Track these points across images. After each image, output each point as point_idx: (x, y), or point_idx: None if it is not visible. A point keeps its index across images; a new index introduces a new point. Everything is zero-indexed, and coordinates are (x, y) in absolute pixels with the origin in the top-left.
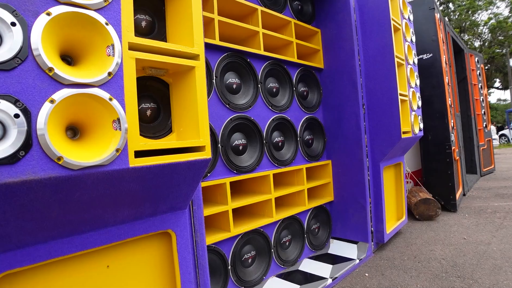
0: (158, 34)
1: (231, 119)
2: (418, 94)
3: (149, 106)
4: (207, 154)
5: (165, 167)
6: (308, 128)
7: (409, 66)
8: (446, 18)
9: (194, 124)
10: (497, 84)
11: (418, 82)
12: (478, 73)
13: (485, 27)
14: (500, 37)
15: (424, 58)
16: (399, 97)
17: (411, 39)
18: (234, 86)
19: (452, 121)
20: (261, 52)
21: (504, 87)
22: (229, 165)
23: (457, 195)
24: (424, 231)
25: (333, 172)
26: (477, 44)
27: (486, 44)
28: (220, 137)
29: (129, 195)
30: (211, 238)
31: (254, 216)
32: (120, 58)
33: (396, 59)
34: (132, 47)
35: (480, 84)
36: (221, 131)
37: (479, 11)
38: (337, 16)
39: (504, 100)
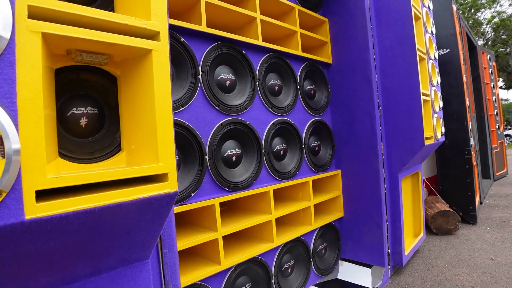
0: (104, 2)
1: (222, 124)
2: (439, 94)
3: (84, 111)
4: (171, 186)
5: (99, 212)
6: (315, 133)
7: (431, 61)
8: None
9: (152, 138)
10: (500, 83)
11: (439, 79)
12: (490, 71)
13: (488, 25)
14: (503, 36)
15: (440, 53)
16: (421, 96)
17: (432, 31)
18: (227, 83)
19: (470, 123)
20: (259, 42)
21: (508, 87)
22: (219, 181)
23: (476, 205)
24: (444, 248)
25: (343, 183)
26: (480, 43)
27: (489, 43)
28: (208, 147)
29: (39, 257)
30: (196, 274)
31: (251, 240)
32: (8, 32)
33: (417, 53)
34: (36, 14)
35: (492, 83)
36: (209, 139)
37: (482, 10)
38: (348, 3)
39: (506, 100)
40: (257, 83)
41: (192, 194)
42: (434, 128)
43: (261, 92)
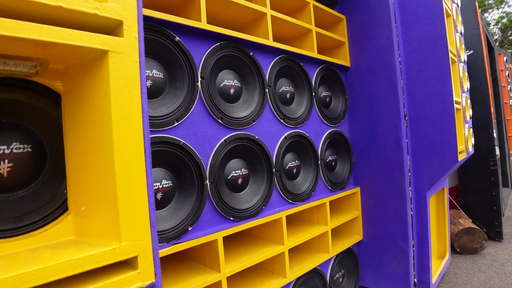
0: None
1: (225, 140)
2: (469, 101)
3: (7, 151)
4: (143, 277)
5: None
6: (331, 146)
7: (461, 64)
8: None
9: (110, 198)
10: None
11: (468, 84)
12: (507, 73)
13: (496, 26)
14: (511, 37)
15: None
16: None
17: (461, 30)
18: (232, 91)
19: (494, 131)
20: (270, 42)
21: None
22: (223, 210)
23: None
24: (471, 271)
25: (362, 202)
26: None
27: (497, 44)
28: (209, 169)
29: None
30: None
31: (260, 273)
32: None
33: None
34: None
35: (509, 86)
36: (210, 159)
37: (490, 10)
38: None
39: None
40: (267, 90)
41: (190, 228)
42: (465, 140)
43: (271, 101)
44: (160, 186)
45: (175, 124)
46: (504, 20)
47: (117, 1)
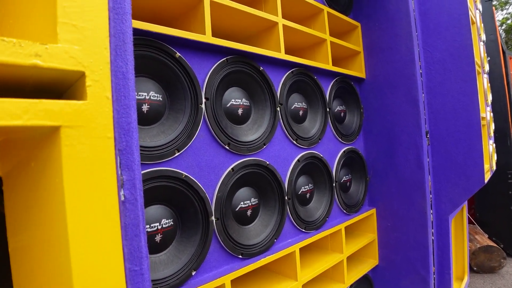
0: None
1: (233, 169)
2: (492, 114)
3: None
4: None
5: None
6: (346, 165)
7: (485, 75)
8: None
9: None
10: None
11: (491, 96)
12: None
13: (501, 28)
14: None
15: None
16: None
17: (484, 39)
18: (240, 111)
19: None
20: (282, 55)
21: None
22: (230, 248)
23: None
24: None
25: (378, 224)
26: None
27: None
28: (215, 203)
29: None
30: None
31: None
32: None
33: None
34: None
35: None
36: (216, 192)
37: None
38: (386, 4)
39: None
40: (278, 108)
41: (193, 273)
42: (490, 157)
43: (283, 120)
44: (160, 227)
45: (176, 155)
46: (509, 22)
47: (75, 40)
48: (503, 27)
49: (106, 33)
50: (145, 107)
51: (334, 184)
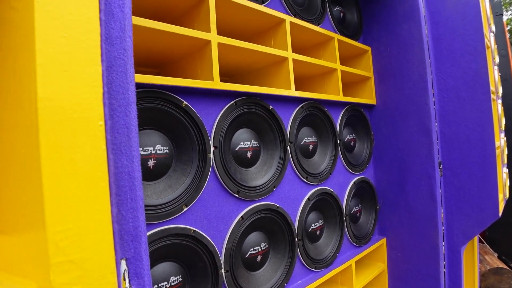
0: None
1: (242, 217)
2: (505, 138)
3: None
4: None
5: None
6: (356, 195)
7: (499, 101)
8: None
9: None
10: None
11: (504, 121)
12: None
13: (506, 28)
14: None
15: None
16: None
17: (498, 61)
18: (249, 154)
19: None
20: (292, 92)
21: None
22: None
23: None
24: None
25: (388, 254)
26: None
27: None
28: (224, 255)
29: None
30: None
31: None
32: None
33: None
34: None
35: None
36: (225, 244)
37: None
38: (398, 29)
39: None
40: (288, 147)
41: None
42: (504, 185)
43: (293, 158)
44: (168, 285)
45: (184, 210)
46: None
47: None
48: (507, 28)
49: None
50: (151, 163)
51: (344, 218)
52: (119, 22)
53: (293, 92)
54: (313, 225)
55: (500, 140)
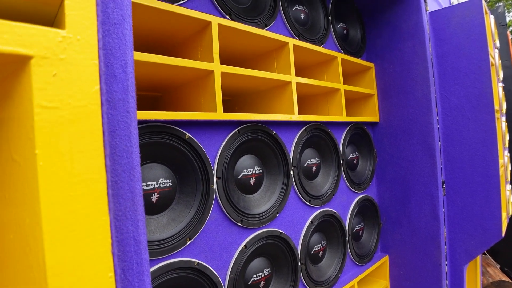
0: None
1: (245, 245)
2: (509, 154)
3: None
4: None
5: None
6: (358, 213)
7: (503, 118)
8: None
9: None
10: None
11: (508, 137)
12: None
13: (508, 31)
14: None
15: None
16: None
17: (502, 77)
18: (252, 181)
19: None
20: (296, 117)
21: None
22: None
23: None
24: None
25: (391, 272)
26: None
27: None
28: (227, 284)
29: None
30: None
31: None
32: None
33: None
34: None
35: None
36: (229, 273)
37: None
38: (401, 46)
39: None
40: (291, 171)
41: None
42: (507, 202)
43: (296, 182)
44: None
45: (188, 243)
46: None
47: None
48: (509, 29)
49: None
50: (154, 197)
51: (347, 238)
52: (121, 83)
53: (297, 117)
54: (315, 246)
55: (504, 158)
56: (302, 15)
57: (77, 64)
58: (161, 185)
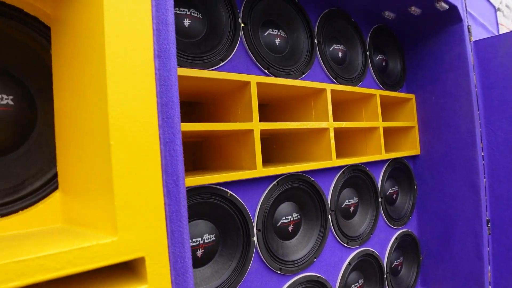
0: None
1: None
2: None
3: None
4: None
5: None
6: (398, 248)
7: None
8: None
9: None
10: None
11: None
12: None
13: None
14: None
15: None
16: None
17: None
18: (291, 227)
19: None
20: (334, 162)
21: None
22: None
23: None
24: None
25: None
26: None
27: None
28: None
29: None
30: None
31: None
32: None
33: None
34: None
35: None
36: None
37: None
38: (444, 77)
39: None
40: (329, 216)
41: None
42: None
43: (334, 226)
44: None
45: None
46: None
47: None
48: None
49: None
50: (199, 252)
51: (385, 276)
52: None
53: (334, 162)
54: (353, 286)
55: None
56: (340, 54)
57: None
58: (206, 241)
